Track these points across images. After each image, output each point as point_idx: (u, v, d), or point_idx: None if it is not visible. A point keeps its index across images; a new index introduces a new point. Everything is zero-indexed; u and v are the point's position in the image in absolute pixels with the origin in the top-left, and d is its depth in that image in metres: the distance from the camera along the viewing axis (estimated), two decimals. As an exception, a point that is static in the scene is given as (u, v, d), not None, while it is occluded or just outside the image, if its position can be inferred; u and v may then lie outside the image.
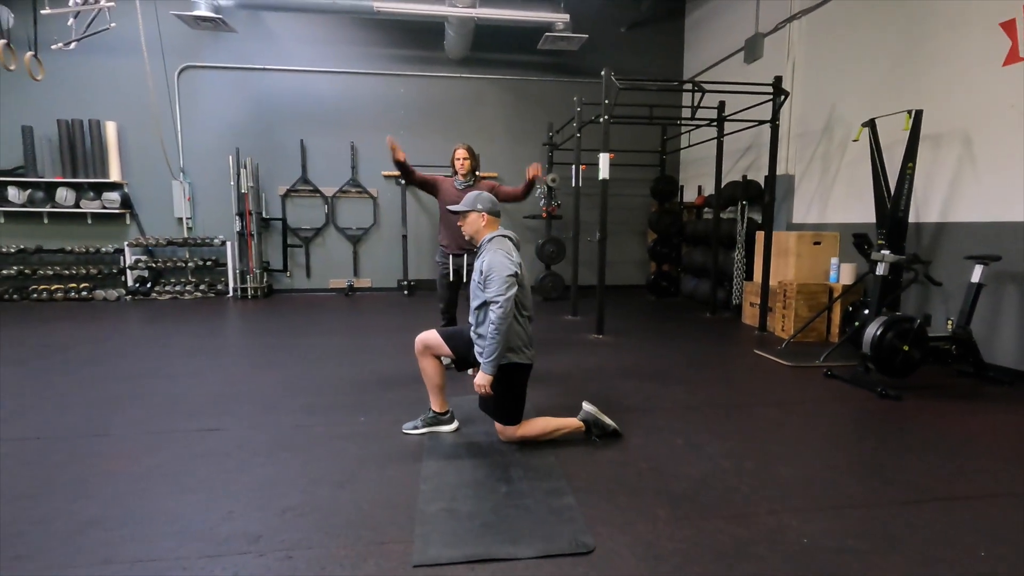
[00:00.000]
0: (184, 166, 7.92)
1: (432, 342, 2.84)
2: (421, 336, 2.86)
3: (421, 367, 2.88)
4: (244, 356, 4.64)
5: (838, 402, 3.48)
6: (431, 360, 2.86)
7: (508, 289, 2.54)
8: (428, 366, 2.86)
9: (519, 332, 2.67)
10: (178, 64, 7.75)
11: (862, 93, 5.30)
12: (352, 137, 8.26)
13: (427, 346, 2.84)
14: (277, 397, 3.51)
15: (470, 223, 2.79)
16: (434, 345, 2.84)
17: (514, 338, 2.64)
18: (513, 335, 2.63)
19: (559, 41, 7.38)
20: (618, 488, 2.32)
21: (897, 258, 3.68)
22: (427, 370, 2.87)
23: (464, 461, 2.59)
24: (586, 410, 2.83)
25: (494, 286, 2.55)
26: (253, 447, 2.73)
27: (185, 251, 7.98)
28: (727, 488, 2.33)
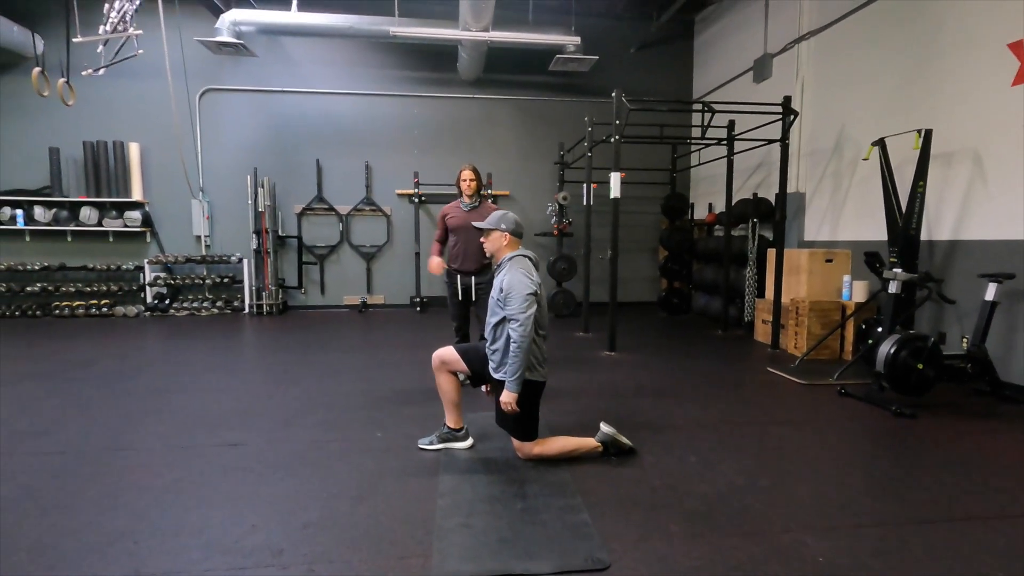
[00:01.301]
0: (203, 185, 8.11)
1: (449, 358, 2.90)
2: (438, 352, 2.92)
3: (438, 383, 2.93)
4: (261, 372, 4.72)
5: (852, 420, 3.48)
6: (448, 376, 2.91)
7: (528, 308, 2.60)
8: (445, 382, 2.92)
9: (535, 350, 2.72)
10: (200, 87, 7.99)
11: (871, 112, 5.35)
12: (367, 157, 8.43)
13: (444, 362, 2.90)
14: (295, 413, 3.58)
15: (492, 241, 2.86)
16: (450, 361, 2.89)
17: (530, 356, 2.70)
18: (530, 353, 2.69)
19: (570, 63, 7.52)
20: (632, 505, 2.35)
21: (909, 276, 3.69)
22: (443, 386, 2.92)
23: (480, 476, 2.63)
24: (604, 431, 2.86)
25: (514, 304, 2.61)
26: (273, 462, 2.79)
27: (203, 268, 8.14)
28: (741, 505, 2.34)
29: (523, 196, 8.68)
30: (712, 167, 8.13)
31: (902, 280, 3.68)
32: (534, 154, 8.71)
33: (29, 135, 7.73)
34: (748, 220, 6.66)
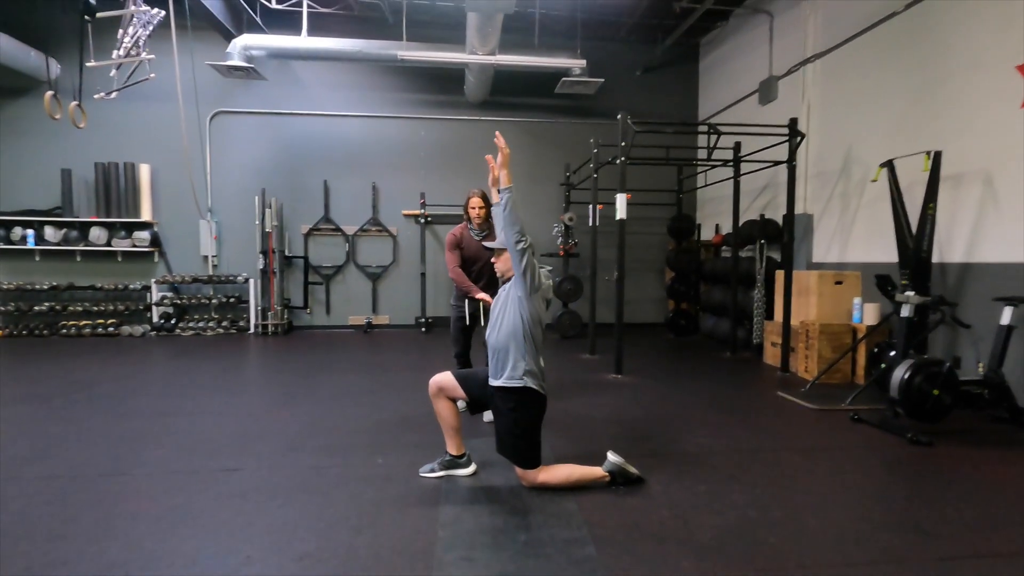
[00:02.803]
0: (212, 206, 8.17)
1: (446, 384, 2.84)
2: (435, 379, 2.86)
3: (436, 410, 2.87)
4: (264, 394, 4.67)
5: (867, 448, 3.38)
6: (445, 403, 2.86)
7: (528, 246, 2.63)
8: (443, 408, 2.86)
9: (535, 357, 2.69)
10: (210, 110, 8.10)
11: (879, 134, 5.32)
12: (374, 178, 8.48)
13: (441, 388, 2.84)
14: (297, 437, 3.52)
15: (505, 261, 2.83)
16: (448, 387, 2.84)
17: (531, 362, 2.67)
18: (531, 359, 2.67)
19: (576, 85, 7.58)
20: (640, 537, 2.27)
21: (922, 300, 3.62)
22: (442, 413, 2.87)
23: (482, 507, 2.55)
24: (611, 461, 2.79)
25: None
26: (272, 489, 2.73)
27: (209, 288, 8.16)
28: (755, 540, 2.25)
29: (529, 217, 8.53)
30: (718, 188, 8.11)
31: (914, 304, 3.60)
32: (540, 176, 8.73)
33: (42, 157, 7.84)
34: (756, 241, 6.60)
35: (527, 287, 2.66)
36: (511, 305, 2.71)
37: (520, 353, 2.66)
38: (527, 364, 2.66)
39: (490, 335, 2.78)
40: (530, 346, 2.68)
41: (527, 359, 2.67)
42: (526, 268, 2.63)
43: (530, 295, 2.67)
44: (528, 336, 2.68)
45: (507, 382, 2.65)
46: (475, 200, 3.88)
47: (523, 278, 2.64)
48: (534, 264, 2.67)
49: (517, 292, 2.69)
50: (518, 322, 2.67)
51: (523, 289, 2.67)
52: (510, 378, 2.65)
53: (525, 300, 2.67)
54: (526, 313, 2.67)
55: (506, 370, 2.67)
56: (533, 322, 2.69)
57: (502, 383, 2.67)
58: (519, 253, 2.61)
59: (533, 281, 2.66)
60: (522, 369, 2.65)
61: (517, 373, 2.65)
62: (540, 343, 2.75)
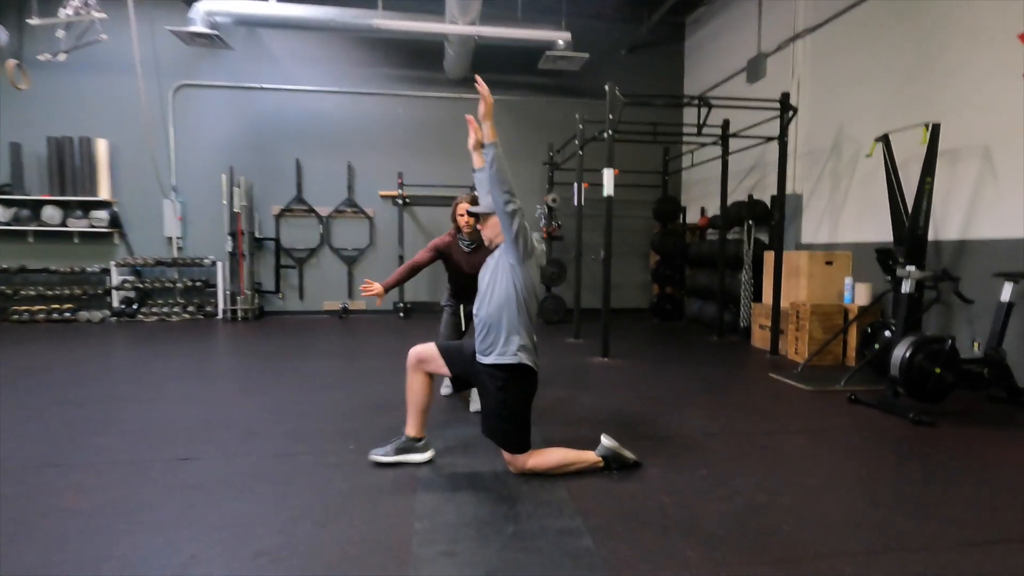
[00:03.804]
0: (176, 185, 7.72)
1: (428, 356, 2.58)
2: (416, 349, 2.60)
3: (408, 382, 2.60)
4: (229, 380, 4.35)
5: (869, 429, 3.22)
6: (421, 377, 2.60)
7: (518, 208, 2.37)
8: (416, 383, 2.59)
9: (529, 331, 2.47)
10: (174, 82, 7.63)
11: (872, 110, 5.17)
12: (349, 157, 8.11)
13: (421, 360, 2.58)
14: (261, 423, 3.23)
15: (492, 227, 2.56)
16: (429, 359, 2.58)
17: (525, 336, 2.44)
18: (525, 333, 2.44)
19: (560, 61, 7.30)
20: (640, 527, 2.05)
21: (924, 275, 3.47)
22: (413, 387, 2.60)
23: (464, 495, 2.31)
24: (605, 445, 2.56)
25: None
26: (228, 479, 2.44)
27: (174, 271, 7.73)
28: (766, 527, 2.05)
29: (511, 199, 8.39)
30: (704, 170, 7.94)
31: (916, 279, 3.45)
32: (522, 156, 8.45)
33: (-12, 130, 7.30)
34: (743, 223, 6.45)
35: (519, 253, 2.40)
36: (502, 273, 2.45)
37: (513, 326, 2.41)
38: (521, 339, 2.42)
39: (479, 308, 2.50)
40: (524, 318, 2.44)
41: (521, 333, 2.42)
42: (518, 232, 2.36)
43: (523, 261, 2.42)
44: (522, 307, 2.43)
45: (499, 359, 2.41)
46: (464, 206, 3.37)
47: (515, 244, 2.38)
48: (526, 227, 2.41)
49: (508, 259, 2.43)
50: (511, 292, 2.42)
51: (515, 255, 2.41)
52: (502, 354, 2.40)
53: (518, 267, 2.42)
54: (519, 282, 2.42)
55: (497, 346, 2.42)
56: (527, 291, 2.44)
57: (493, 361, 2.42)
58: (509, 216, 2.34)
59: (526, 246, 2.41)
60: (516, 344, 2.40)
61: (511, 349, 2.40)
62: (534, 315, 2.51)
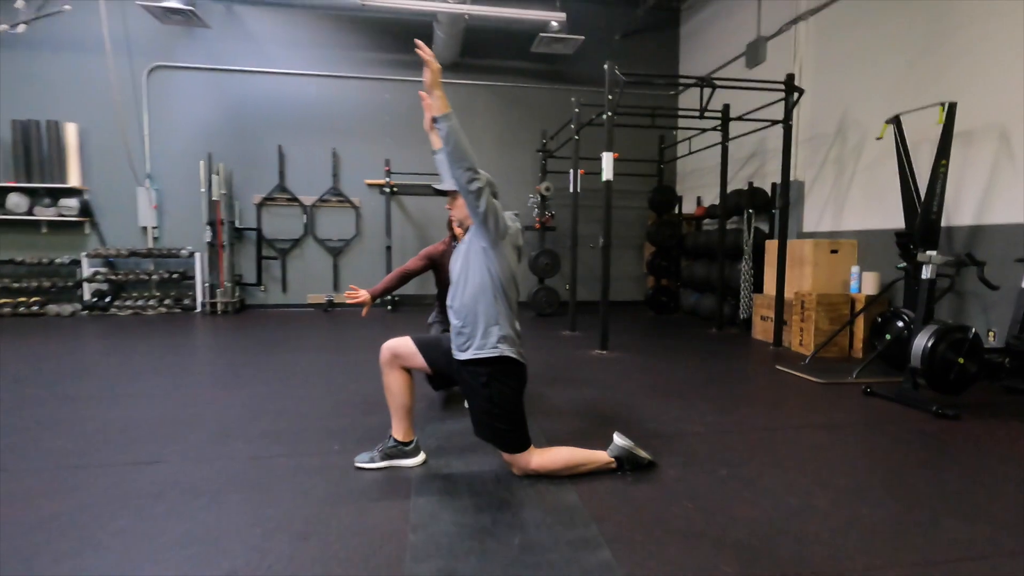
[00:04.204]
0: (151, 172, 7.35)
1: (403, 351, 2.32)
2: (389, 343, 2.33)
3: (385, 382, 2.35)
4: (204, 375, 4.05)
5: (890, 423, 3.03)
6: (399, 374, 2.34)
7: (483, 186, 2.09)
8: (395, 381, 2.33)
9: (511, 320, 2.21)
10: (148, 63, 7.24)
11: (880, 92, 4.99)
12: (334, 144, 7.79)
13: (396, 355, 2.32)
14: (236, 422, 2.95)
15: (461, 207, 2.31)
16: (405, 354, 2.32)
17: (505, 325, 2.18)
18: (505, 322, 2.18)
19: (554, 43, 7.05)
20: (664, 536, 1.82)
21: (946, 259, 3.29)
22: (392, 386, 2.34)
23: (463, 501, 2.06)
24: (618, 444, 2.32)
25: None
26: (195, 486, 2.17)
27: (149, 263, 7.36)
28: (804, 534, 1.83)
29: (503, 188, 8.01)
30: (700, 159, 7.75)
31: (938, 263, 3.27)
32: (514, 144, 8.20)
33: (-52, 112, 6.88)
34: (743, 211, 6.25)
35: (490, 234, 2.14)
36: (475, 259, 2.18)
37: (491, 316, 2.16)
38: (501, 329, 2.16)
39: (452, 300, 2.24)
40: (503, 306, 2.18)
41: (500, 322, 2.17)
42: (486, 212, 2.10)
43: (496, 243, 2.16)
44: (500, 294, 2.18)
45: (478, 353, 2.15)
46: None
47: (484, 225, 2.12)
48: (495, 205, 2.14)
49: (479, 242, 2.17)
50: (486, 278, 2.16)
51: (486, 237, 2.15)
52: (480, 348, 2.15)
53: (491, 250, 2.16)
54: (494, 266, 2.16)
55: (475, 339, 2.16)
56: (504, 276, 2.18)
57: (471, 356, 2.17)
58: (474, 195, 2.07)
59: (497, 226, 2.14)
60: (495, 335, 2.15)
61: (489, 341, 2.15)
62: (515, 302, 2.25)
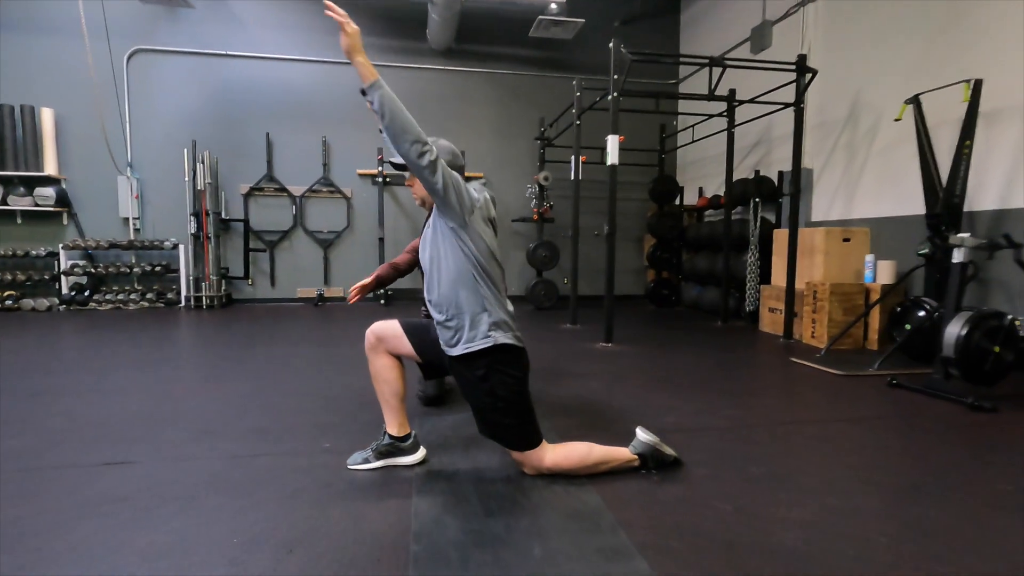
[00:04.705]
0: (132, 160, 7.03)
1: (388, 334, 2.08)
2: (374, 326, 2.09)
3: (372, 370, 2.10)
4: (186, 369, 3.79)
5: (922, 416, 2.83)
6: (386, 360, 2.09)
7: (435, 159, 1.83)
8: (383, 368, 2.08)
9: (500, 302, 1.97)
10: (128, 47, 6.93)
11: (894, 73, 4.80)
12: (324, 132, 7.51)
13: (381, 339, 2.08)
14: (217, 418, 2.70)
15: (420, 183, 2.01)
16: (390, 338, 2.08)
17: (495, 309, 1.94)
18: (494, 306, 1.94)
19: (553, 27, 6.81)
20: (703, 543, 1.59)
21: (979, 242, 3.10)
22: (380, 373, 2.08)
23: (471, 504, 1.82)
24: (642, 440, 2.09)
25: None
26: (167, 488, 1.92)
27: (131, 255, 7.05)
28: (860, 538, 1.62)
29: (499, 178, 7.90)
30: (703, 149, 7.55)
31: (971, 246, 3.08)
32: (511, 132, 7.95)
33: (-84, 96, 6.54)
34: (749, 200, 6.06)
35: (456, 211, 1.89)
36: (445, 242, 1.94)
37: (477, 303, 1.92)
38: (490, 315, 1.92)
39: (430, 292, 2.00)
40: (487, 289, 1.94)
41: (488, 308, 1.93)
42: (444, 186, 1.83)
43: (465, 221, 1.91)
44: (482, 276, 1.94)
45: (469, 347, 1.91)
46: None
47: (446, 202, 1.87)
48: (455, 178, 1.89)
49: (447, 223, 1.92)
50: (462, 262, 1.92)
51: (452, 216, 1.90)
52: (471, 341, 1.91)
53: (461, 230, 1.91)
54: (469, 246, 1.92)
55: (463, 332, 1.92)
56: (483, 255, 1.94)
57: (462, 351, 1.93)
58: (427, 169, 1.80)
59: (461, 200, 1.89)
60: (485, 323, 1.91)
61: (480, 331, 1.91)
62: (500, 281, 2.01)
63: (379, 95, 1.75)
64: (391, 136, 1.79)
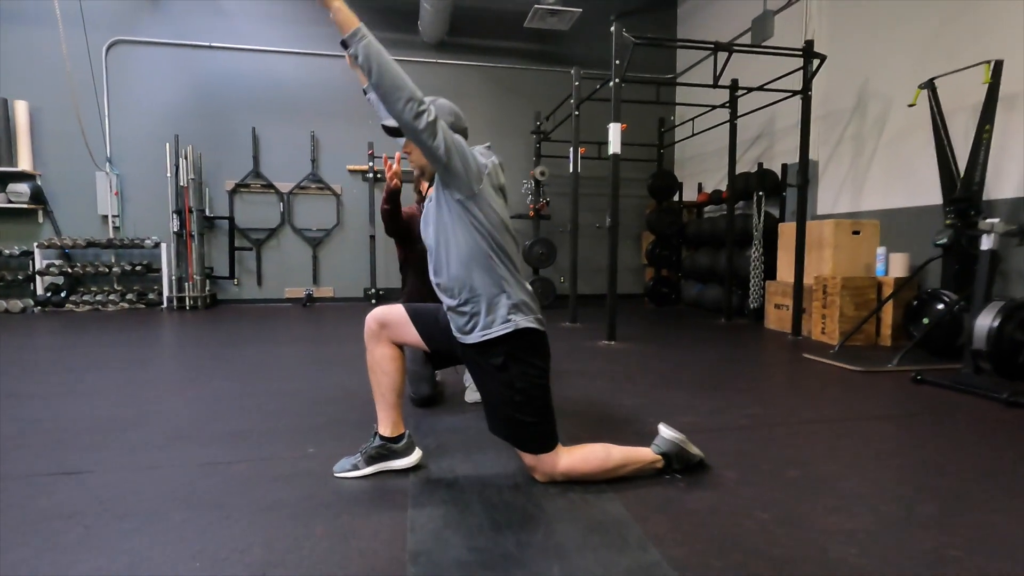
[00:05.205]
0: (111, 155, 6.75)
1: (392, 319, 1.84)
2: (376, 311, 1.85)
3: (369, 361, 1.85)
4: (161, 370, 3.52)
5: (957, 413, 2.63)
6: (388, 349, 1.84)
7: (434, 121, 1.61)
8: (383, 358, 1.83)
9: (519, 281, 1.75)
10: (107, 37, 6.66)
11: (904, 60, 4.64)
12: (313, 127, 7.26)
13: (384, 325, 1.83)
14: (191, 421, 2.45)
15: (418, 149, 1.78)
16: (395, 324, 1.84)
17: (514, 290, 1.72)
18: (513, 286, 1.72)
19: (549, 17, 6.62)
20: (749, 559, 1.37)
21: (1008, 228, 2.92)
22: (381, 364, 1.83)
23: (476, 516, 1.59)
24: (666, 437, 1.87)
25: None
26: (127, 502, 1.68)
27: (110, 254, 6.76)
28: (928, 551, 1.40)
29: (494, 175, 7.68)
30: (702, 144, 7.39)
31: (1000, 232, 2.90)
32: (506, 127, 7.74)
33: None
34: (752, 194, 5.88)
35: (462, 180, 1.66)
36: (452, 217, 1.71)
37: (494, 283, 1.70)
38: (510, 296, 1.70)
39: (437, 275, 1.77)
40: (504, 266, 1.72)
41: (507, 289, 1.71)
42: (447, 150, 1.61)
43: (473, 191, 1.68)
44: (498, 252, 1.71)
45: (486, 334, 1.69)
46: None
47: (449, 169, 1.64)
48: (458, 141, 1.66)
49: (453, 195, 1.69)
50: (474, 239, 1.69)
51: (459, 186, 1.67)
52: (488, 327, 1.70)
53: (470, 201, 1.69)
54: (481, 219, 1.70)
55: (479, 317, 1.70)
56: (497, 228, 1.72)
57: (479, 338, 1.71)
58: (425, 132, 1.58)
59: (467, 167, 1.66)
60: (504, 306, 1.69)
61: (499, 315, 1.69)
62: (517, 257, 1.78)
63: (363, 46, 1.53)
64: (381, 95, 1.57)
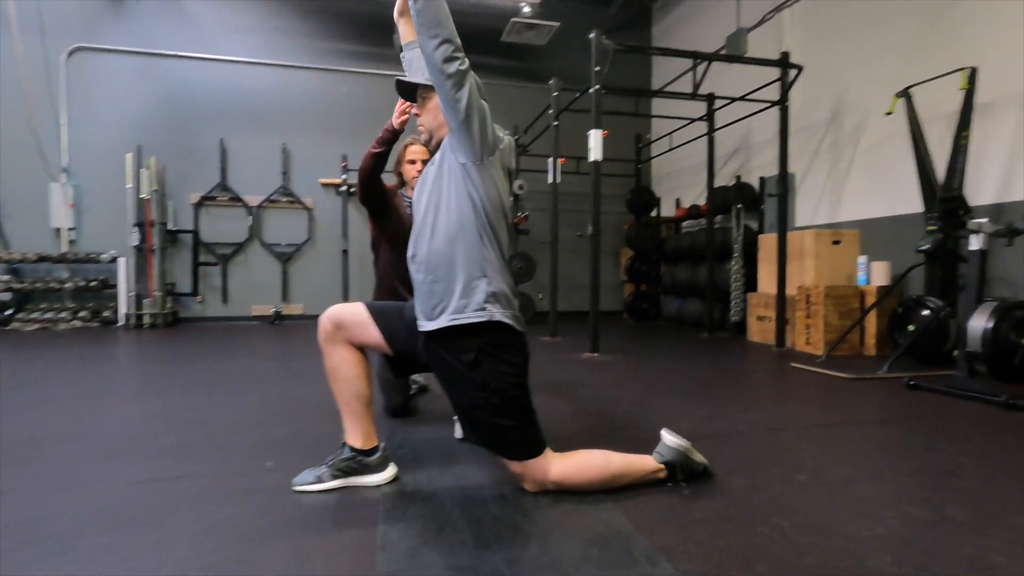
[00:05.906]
0: (69, 165, 6.42)
1: (349, 319, 1.61)
2: (332, 310, 1.63)
3: (328, 366, 1.63)
4: (108, 384, 3.22)
5: (960, 417, 2.53)
6: (346, 352, 1.62)
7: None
8: (342, 362, 1.61)
9: (503, 271, 1.56)
10: (67, 44, 6.39)
11: (881, 69, 4.69)
12: (284, 139, 7.06)
13: (340, 326, 1.61)
14: (136, 435, 2.19)
15: (433, 110, 1.61)
16: (352, 324, 1.61)
17: (496, 278, 1.53)
18: (496, 273, 1.54)
19: (526, 31, 6.61)
20: (781, 570, 1.19)
21: (997, 228, 2.88)
22: (340, 370, 1.61)
23: (458, 533, 1.39)
24: (669, 444, 1.69)
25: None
26: (47, 523, 1.42)
27: (63, 269, 6.37)
28: (970, 556, 1.25)
29: (471, 189, 7.56)
30: (678, 160, 7.41)
31: (989, 232, 2.85)
32: (483, 143, 7.65)
33: None
34: (731, 207, 5.87)
35: (475, 143, 1.49)
36: (452, 182, 1.53)
37: (476, 264, 1.51)
38: (490, 283, 1.52)
39: (416, 246, 1.58)
40: (491, 251, 1.54)
41: (489, 273, 1.52)
42: (469, 106, 1.46)
43: (482, 157, 1.51)
44: (487, 232, 1.53)
45: (456, 319, 1.50)
46: (415, 149, 2.52)
47: (466, 127, 1.47)
48: (482, 104, 1.51)
49: (459, 157, 1.52)
50: (467, 210, 1.52)
51: (470, 148, 1.50)
52: (460, 311, 1.50)
53: (475, 168, 1.51)
54: (480, 190, 1.52)
55: (452, 298, 1.51)
56: (494, 207, 1.54)
57: (447, 323, 1.50)
58: (453, 79, 1.43)
59: (484, 131, 1.50)
60: (482, 292, 1.51)
61: (474, 300, 1.50)
62: (507, 248, 1.60)
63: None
64: (420, 24, 1.40)
